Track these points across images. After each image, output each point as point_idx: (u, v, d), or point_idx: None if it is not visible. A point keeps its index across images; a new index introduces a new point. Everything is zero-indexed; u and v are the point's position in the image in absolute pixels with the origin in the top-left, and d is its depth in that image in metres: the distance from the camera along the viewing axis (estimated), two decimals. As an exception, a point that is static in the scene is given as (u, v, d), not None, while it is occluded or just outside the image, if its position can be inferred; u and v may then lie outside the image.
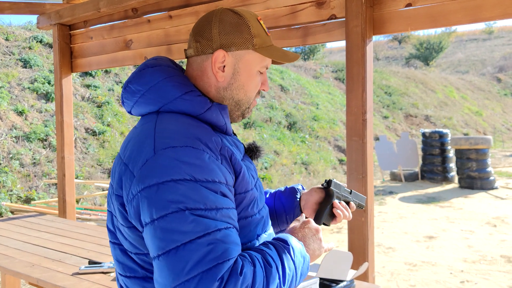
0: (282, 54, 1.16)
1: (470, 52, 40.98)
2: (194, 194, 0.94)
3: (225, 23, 1.12)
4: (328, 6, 2.65)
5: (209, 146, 1.01)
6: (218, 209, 0.95)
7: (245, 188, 1.07)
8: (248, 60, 1.13)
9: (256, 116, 12.86)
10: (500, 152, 17.97)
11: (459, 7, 2.26)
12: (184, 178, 0.94)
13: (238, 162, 1.06)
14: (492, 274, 4.90)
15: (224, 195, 0.99)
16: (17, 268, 2.45)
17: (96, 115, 9.65)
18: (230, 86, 1.14)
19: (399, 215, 7.93)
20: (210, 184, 0.96)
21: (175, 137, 1.00)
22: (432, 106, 21.01)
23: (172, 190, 0.93)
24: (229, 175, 1.02)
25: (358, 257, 2.47)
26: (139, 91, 1.11)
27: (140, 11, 3.60)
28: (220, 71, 1.13)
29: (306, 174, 11.19)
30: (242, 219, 1.08)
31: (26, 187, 7.38)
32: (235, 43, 1.12)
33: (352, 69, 2.50)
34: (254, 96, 1.18)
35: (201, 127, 1.06)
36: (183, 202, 0.93)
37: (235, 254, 0.94)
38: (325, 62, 22.72)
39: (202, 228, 0.92)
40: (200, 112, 1.08)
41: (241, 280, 0.91)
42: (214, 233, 0.92)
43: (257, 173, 1.22)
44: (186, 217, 0.92)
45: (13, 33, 10.75)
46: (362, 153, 2.49)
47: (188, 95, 1.09)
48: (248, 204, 1.08)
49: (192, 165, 0.96)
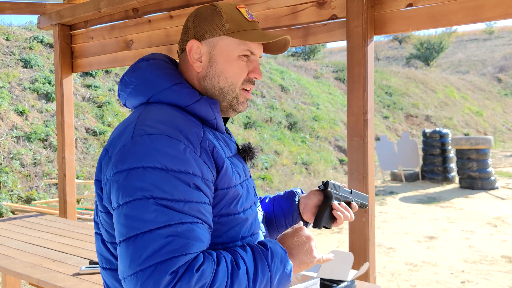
0: (260, 35, 1.13)
1: (471, 52, 40.97)
2: (162, 183, 0.92)
3: (199, 16, 1.14)
4: (329, 6, 2.65)
5: (188, 137, 0.99)
6: (186, 202, 0.93)
7: (227, 184, 1.04)
8: (223, 45, 1.12)
9: (256, 116, 12.86)
10: (500, 152, 17.96)
11: (460, 7, 2.26)
12: (155, 166, 0.93)
13: (220, 157, 1.04)
14: (493, 274, 4.89)
15: (197, 188, 0.96)
16: (17, 268, 2.45)
17: (97, 115, 9.65)
18: (208, 75, 1.13)
19: (399, 215, 7.92)
20: (182, 175, 0.94)
21: (154, 125, 0.99)
22: (432, 106, 21.01)
23: (141, 177, 0.93)
24: (207, 169, 0.99)
25: (359, 257, 2.47)
26: (132, 82, 1.13)
27: (140, 11, 3.60)
28: (198, 61, 1.13)
29: (307, 174, 11.19)
30: (224, 216, 1.05)
31: (26, 187, 7.38)
32: (207, 31, 1.12)
33: (353, 69, 2.49)
34: (239, 82, 1.14)
35: (185, 118, 1.05)
36: (149, 190, 0.91)
37: (195, 250, 0.91)
38: (325, 62, 22.73)
39: (164, 219, 0.90)
40: (188, 103, 1.08)
41: (196, 277, 0.88)
42: (176, 226, 0.90)
43: (250, 174, 1.19)
44: (149, 206, 0.90)
45: (13, 33, 10.75)
46: (363, 153, 2.48)
47: (176, 86, 1.10)
48: (230, 200, 1.06)
49: (166, 154, 0.94)
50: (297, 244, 1.11)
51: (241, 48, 1.12)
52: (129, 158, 0.96)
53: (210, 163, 1.01)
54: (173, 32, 3.43)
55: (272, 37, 1.12)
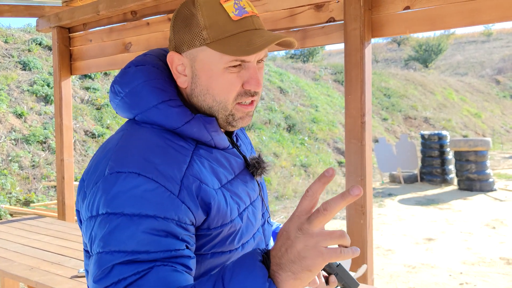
0: (245, 44, 0.89)
1: (469, 54, 41.05)
2: (121, 233, 0.80)
3: (178, 19, 0.95)
4: (327, 9, 2.66)
5: (164, 174, 0.84)
6: (150, 253, 0.80)
7: (221, 221, 0.91)
8: (203, 59, 0.93)
9: (255, 118, 12.87)
10: (499, 154, 17.98)
11: (457, 10, 2.27)
12: (120, 212, 0.81)
13: (211, 195, 0.89)
14: (491, 276, 4.90)
15: (168, 234, 0.82)
16: (16, 271, 2.45)
17: (95, 117, 9.65)
18: (194, 92, 0.97)
19: (398, 217, 7.93)
20: (149, 221, 0.81)
21: (127, 159, 0.86)
22: (431, 108, 21.04)
23: (104, 226, 0.82)
24: (187, 210, 0.85)
25: (356, 259, 2.47)
26: (120, 93, 0.98)
27: (139, 14, 3.61)
28: (182, 76, 0.97)
29: (306, 176, 11.20)
30: (217, 254, 0.93)
31: (25, 190, 7.37)
32: (185, 41, 0.93)
33: (351, 72, 2.50)
34: (230, 99, 0.95)
35: (169, 147, 0.90)
36: (108, 243, 0.81)
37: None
38: (324, 64, 22.76)
39: (117, 273, 0.79)
40: (177, 126, 0.93)
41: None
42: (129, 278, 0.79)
43: (258, 189, 1.04)
44: (105, 262, 0.81)
45: (12, 36, 10.76)
46: (361, 156, 2.49)
47: (163, 105, 0.93)
48: (225, 238, 0.93)
49: (132, 197, 0.81)
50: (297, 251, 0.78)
51: (226, 60, 0.91)
52: (96, 203, 0.85)
53: (193, 202, 0.86)
54: (172, 34, 3.44)
55: (259, 48, 0.89)
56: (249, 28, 0.91)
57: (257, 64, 0.96)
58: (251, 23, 0.92)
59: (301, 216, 0.71)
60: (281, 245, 0.73)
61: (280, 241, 0.73)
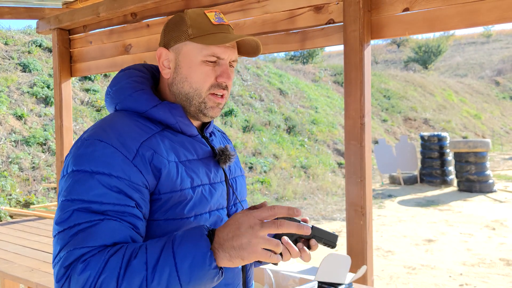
0: (220, 38, 1.10)
1: (469, 56, 41.10)
2: (83, 185, 0.97)
3: (169, 23, 1.18)
4: (326, 11, 2.66)
5: (123, 142, 1.02)
6: (102, 203, 0.96)
7: (170, 188, 1.05)
8: (186, 51, 1.13)
9: (255, 119, 12.88)
10: (498, 155, 17.99)
11: (456, 11, 2.27)
12: (82, 169, 0.99)
13: (161, 162, 1.04)
14: (491, 277, 4.90)
15: (120, 191, 0.98)
16: (16, 272, 2.45)
17: (95, 119, 9.66)
18: (174, 81, 1.16)
19: (398, 218, 7.93)
20: (104, 178, 0.98)
21: (96, 131, 1.05)
22: (430, 110, 21.06)
23: (69, 181, 1.00)
24: (137, 172, 1.01)
25: (356, 261, 2.47)
26: (109, 92, 1.19)
27: (139, 15, 3.62)
28: (167, 68, 1.17)
29: (305, 177, 11.20)
30: (170, 220, 1.05)
31: (25, 192, 7.37)
32: (173, 37, 1.15)
33: (350, 74, 2.51)
34: (205, 87, 1.13)
35: (136, 126, 1.07)
36: (70, 192, 0.98)
37: (91, 243, 0.93)
38: (324, 66, 22.78)
39: (74, 218, 0.95)
40: (145, 109, 1.12)
41: (80, 268, 0.90)
42: (83, 225, 0.94)
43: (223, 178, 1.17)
44: (66, 207, 0.97)
45: (12, 38, 10.77)
46: (360, 157, 2.50)
47: (136, 94, 1.13)
48: (175, 204, 1.05)
49: (92, 157, 1.00)
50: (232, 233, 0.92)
51: (204, 53, 1.11)
52: (69, 163, 1.03)
53: (145, 167, 1.02)
54: (172, 36, 3.45)
55: (231, 39, 1.09)
56: (225, 31, 1.14)
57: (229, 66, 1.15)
58: (227, 28, 1.14)
59: (257, 218, 0.91)
60: (229, 231, 0.91)
61: (228, 228, 0.92)
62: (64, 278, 0.92)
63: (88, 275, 0.90)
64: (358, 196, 2.50)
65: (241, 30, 3.04)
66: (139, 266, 0.90)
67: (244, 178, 1.33)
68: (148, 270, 0.90)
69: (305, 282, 1.92)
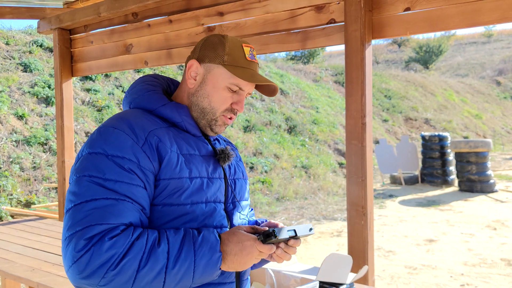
0: (249, 76, 1.23)
1: (470, 56, 41.05)
2: (99, 164, 1.07)
3: (208, 41, 1.29)
4: (327, 11, 2.66)
5: (133, 130, 1.13)
6: (116, 181, 1.06)
7: (169, 175, 1.13)
8: (216, 73, 1.25)
9: (256, 119, 12.88)
10: (500, 155, 17.98)
11: (457, 11, 2.27)
12: (98, 151, 1.09)
13: (164, 150, 1.14)
14: (492, 277, 4.89)
15: (131, 171, 1.08)
16: (17, 272, 2.45)
17: (96, 119, 9.66)
18: (196, 93, 1.27)
19: (399, 218, 7.93)
20: (118, 159, 1.08)
21: (111, 121, 1.17)
22: (431, 110, 21.04)
23: (85, 160, 1.10)
24: (146, 158, 1.11)
25: (358, 261, 2.47)
26: (126, 94, 1.33)
27: (140, 15, 3.62)
28: (192, 79, 1.28)
29: (306, 177, 11.20)
30: (167, 205, 1.13)
31: (26, 191, 7.38)
32: (208, 56, 1.26)
33: (351, 73, 2.51)
34: (220, 109, 1.26)
35: (146, 119, 1.19)
36: (88, 169, 1.07)
37: (112, 222, 1.02)
38: (324, 66, 22.76)
39: (91, 193, 1.04)
40: (155, 107, 1.24)
41: (107, 245, 0.99)
42: (100, 200, 1.03)
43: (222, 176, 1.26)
44: (83, 182, 1.06)
45: (13, 38, 10.78)
46: (361, 157, 2.49)
47: (148, 94, 1.27)
48: (173, 191, 1.13)
49: (107, 142, 1.10)
50: (238, 249, 1.11)
51: (230, 82, 1.24)
52: (84, 147, 1.13)
53: (152, 154, 1.12)
54: (173, 36, 3.45)
55: (258, 81, 1.23)
56: (254, 69, 1.29)
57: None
58: (255, 66, 1.30)
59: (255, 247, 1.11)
60: (233, 248, 1.11)
61: (233, 245, 1.11)
62: (85, 250, 0.98)
63: (113, 253, 0.99)
64: (359, 196, 2.50)
65: (242, 30, 3.04)
66: (162, 254, 1.03)
67: (246, 182, 1.40)
68: (170, 259, 1.03)
69: (306, 282, 1.92)
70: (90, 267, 0.98)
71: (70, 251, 1.00)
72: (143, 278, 1.01)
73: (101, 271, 0.98)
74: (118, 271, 0.99)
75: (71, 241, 1.00)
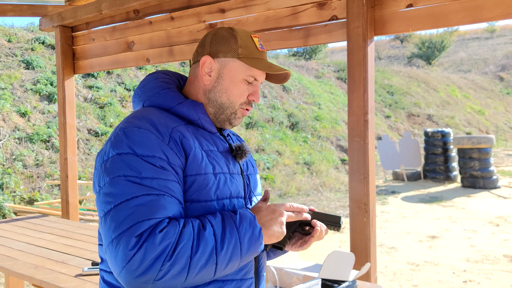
0: (266, 66, 1.25)
1: (473, 51, 40.89)
2: (132, 164, 1.07)
3: (217, 35, 1.28)
4: (329, 7, 2.65)
5: (157, 129, 1.13)
6: (153, 178, 1.06)
7: (196, 171, 1.14)
8: (232, 67, 1.26)
9: (258, 116, 12.87)
10: (502, 151, 17.93)
11: (460, 7, 2.26)
12: (128, 152, 1.09)
13: (189, 146, 1.15)
14: (495, 273, 4.89)
15: (163, 168, 1.09)
16: (20, 269, 2.46)
17: (99, 116, 9.67)
18: (214, 89, 1.27)
19: (401, 214, 7.92)
20: (149, 158, 1.08)
21: (130, 121, 1.15)
22: (434, 105, 20.98)
23: (116, 161, 1.08)
24: (174, 155, 1.12)
25: (360, 257, 2.47)
26: (137, 93, 1.31)
27: (142, 12, 3.61)
28: (207, 75, 1.27)
29: (309, 174, 11.20)
30: (195, 202, 1.14)
31: (29, 188, 7.40)
32: (222, 50, 1.26)
33: (354, 70, 2.50)
34: (239, 102, 1.27)
35: (165, 117, 1.19)
36: (122, 169, 1.07)
37: (159, 215, 1.03)
38: (327, 62, 22.72)
39: (131, 191, 1.04)
40: (171, 105, 1.24)
41: (159, 237, 0.99)
42: (141, 197, 1.03)
43: (239, 171, 1.29)
44: (121, 182, 1.05)
45: (15, 35, 10.78)
46: (363, 154, 2.49)
47: (163, 92, 1.26)
48: (200, 187, 1.14)
49: (135, 142, 1.10)
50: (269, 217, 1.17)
51: (247, 74, 1.26)
52: (110, 149, 1.12)
53: (178, 150, 1.13)
54: (174, 33, 3.44)
55: (276, 70, 1.25)
56: (265, 58, 1.31)
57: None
58: (266, 56, 1.32)
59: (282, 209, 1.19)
60: (266, 214, 1.17)
61: (265, 212, 1.17)
62: (138, 246, 0.98)
63: (167, 244, 0.99)
64: (361, 192, 2.49)
65: (244, 26, 3.04)
66: (209, 236, 1.05)
67: (257, 176, 1.42)
68: (217, 241, 1.05)
69: (308, 280, 1.92)
70: (146, 263, 0.97)
71: (121, 251, 0.99)
72: (196, 263, 1.02)
73: (157, 263, 0.98)
74: (173, 261, 0.99)
75: (120, 241, 0.99)
